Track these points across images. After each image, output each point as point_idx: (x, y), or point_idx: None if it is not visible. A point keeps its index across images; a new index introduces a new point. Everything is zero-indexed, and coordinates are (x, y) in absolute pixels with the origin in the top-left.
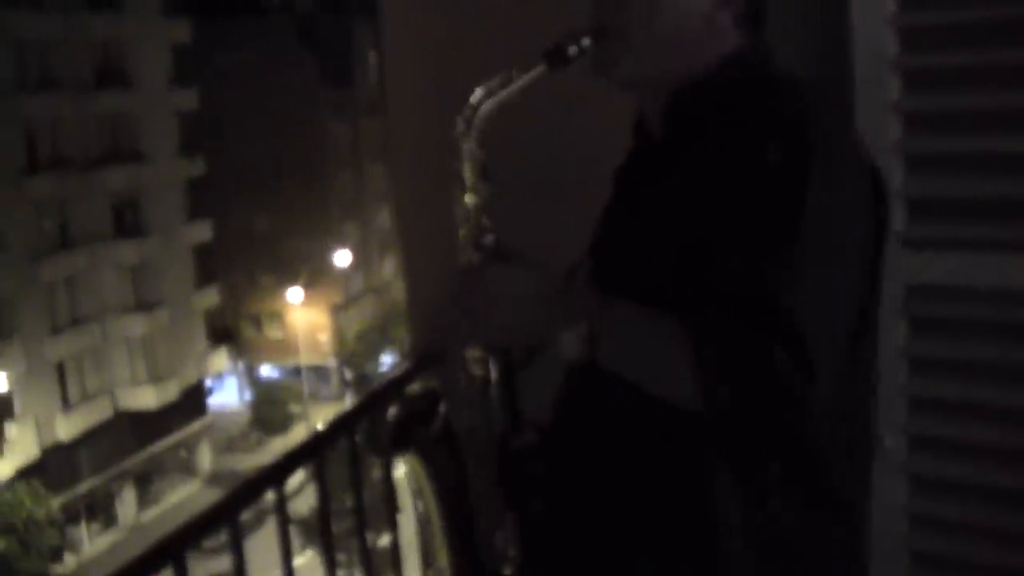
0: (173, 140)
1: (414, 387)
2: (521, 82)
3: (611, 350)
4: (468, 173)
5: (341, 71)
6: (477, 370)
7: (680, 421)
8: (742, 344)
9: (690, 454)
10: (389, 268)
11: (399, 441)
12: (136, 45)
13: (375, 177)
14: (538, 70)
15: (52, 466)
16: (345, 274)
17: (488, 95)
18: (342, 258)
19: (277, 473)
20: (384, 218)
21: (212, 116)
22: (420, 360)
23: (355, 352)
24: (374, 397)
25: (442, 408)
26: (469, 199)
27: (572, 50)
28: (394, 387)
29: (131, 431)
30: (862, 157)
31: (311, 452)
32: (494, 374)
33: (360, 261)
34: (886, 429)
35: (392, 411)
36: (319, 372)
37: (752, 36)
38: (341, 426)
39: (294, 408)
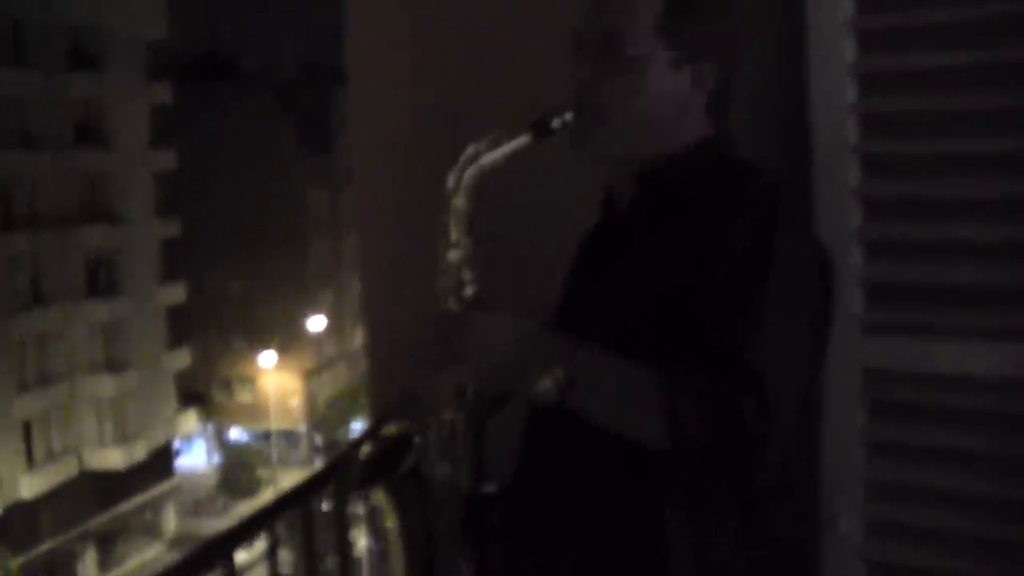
0: (150, 201)
1: (390, 428)
2: (506, 149)
3: (585, 391)
4: (453, 229)
5: (320, 138)
6: (447, 417)
7: (640, 468)
8: (711, 391)
9: (648, 500)
10: (362, 335)
11: (368, 477)
12: (117, 105)
13: (352, 244)
14: (523, 139)
15: (13, 525)
16: (318, 339)
17: (475, 156)
18: (316, 323)
19: (228, 544)
20: (359, 285)
21: (191, 178)
22: (379, 421)
23: (326, 417)
24: (336, 464)
25: (415, 447)
26: (453, 254)
27: (555, 123)
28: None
29: (96, 491)
30: (812, 235)
31: (268, 519)
32: (462, 422)
33: (334, 327)
34: (843, 514)
35: (365, 449)
36: (289, 437)
37: (720, 122)
38: (301, 493)
39: (262, 473)
